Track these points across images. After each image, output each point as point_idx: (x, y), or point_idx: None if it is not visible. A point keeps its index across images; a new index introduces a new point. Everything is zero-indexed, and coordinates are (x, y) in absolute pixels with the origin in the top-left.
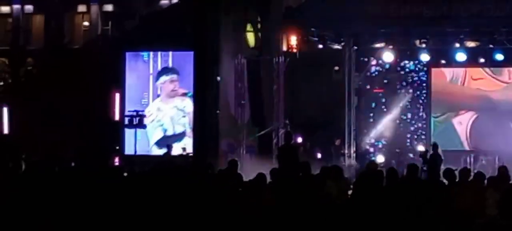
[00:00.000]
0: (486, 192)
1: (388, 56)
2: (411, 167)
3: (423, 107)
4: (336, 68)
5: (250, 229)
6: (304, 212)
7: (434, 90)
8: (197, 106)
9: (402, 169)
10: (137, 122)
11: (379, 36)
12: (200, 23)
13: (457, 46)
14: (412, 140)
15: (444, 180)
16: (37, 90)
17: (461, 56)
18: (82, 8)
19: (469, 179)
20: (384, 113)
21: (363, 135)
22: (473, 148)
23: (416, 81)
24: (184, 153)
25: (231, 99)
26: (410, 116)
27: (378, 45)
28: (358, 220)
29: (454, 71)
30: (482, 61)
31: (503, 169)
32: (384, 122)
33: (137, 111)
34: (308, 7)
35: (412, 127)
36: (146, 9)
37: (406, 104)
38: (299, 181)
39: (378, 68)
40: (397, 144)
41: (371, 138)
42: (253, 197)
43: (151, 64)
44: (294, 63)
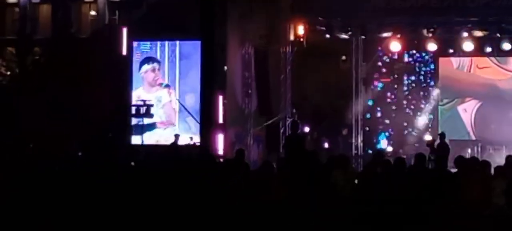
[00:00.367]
0: (493, 181)
1: (395, 46)
2: (419, 157)
3: (431, 96)
4: (344, 57)
5: (257, 218)
6: (311, 201)
7: (441, 76)
8: (204, 95)
9: (409, 158)
10: (144, 111)
11: (386, 25)
12: (207, 12)
13: (465, 35)
14: (419, 130)
15: (453, 169)
16: (44, 80)
17: (468, 45)
18: None
19: (476, 169)
20: (392, 102)
21: (370, 124)
22: (478, 136)
23: (423, 71)
24: (191, 143)
25: (238, 88)
26: (418, 105)
27: (385, 34)
28: (364, 210)
29: (460, 59)
30: (489, 50)
31: (510, 158)
32: (392, 111)
33: (144, 101)
34: None
35: (420, 116)
36: None
37: (414, 94)
38: (306, 171)
39: (385, 58)
40: (405, 133)
41: (379, 127)
42: (260, 186)
43: (158, 54)
44: (301, 52)
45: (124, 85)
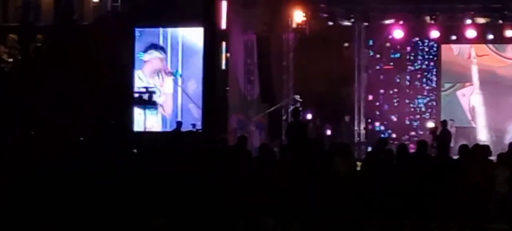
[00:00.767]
0: (496, 169)
1: (398, 33)
2: (421, 144)
3: (433, 84)
4: (346, 44)
5: (259, 203)
6: (313, 189)
7: (443, 62)
8: (206, 82)
9: (412, 145)
10: (147, 98)
11: (389, 12)
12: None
13: (467, 22)
14: (421, 117)
15: (455, 156)
16: (47, 67)
17: (471, 32)
18: None
19: (479, 156)
20: (394, 90)
21: (373, 111)
22: (476, 121)
23: (426, 58)
24: (194, 130)
25: (240, 75)
26: (420, 92)
27: (388, 21)
28: (367, 197)
29: (460, 47)
30: (492, 37)
31: None
32: (394, 99)
33: (147, 88)
34: None
35: (422, 103)
36: None
37: (416, 81)
38: (308, 158)
39: (388, 45)
40: (407, 120)
41: (381, 114)
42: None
43: (161, 40)
44: (304, 39)
45: (126, 72)
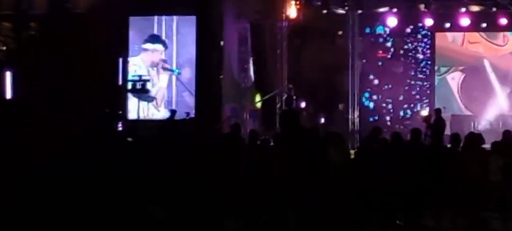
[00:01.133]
0: (490, 157)
1: (392, 21)
2: (415, 132)
3: (427, 72)
4: (340, 32)
5: (252, 192)
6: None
7: (437, 49)
8: (200, 71)
9: (406, 134)
10: (140, 86)
11: (383, 0)
12: None
13: (461, 10)
14: (415, 105)
15: (448, 145)
16: (41, 55)
17: (465, 20)
18: None
19: (473, 145)
20: (388, 78)
21: (366, 99)
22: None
23: (420, 46)
24: (187, 118)
25: (234, 63)
26: (414, 80)
27: (382, 9)
28: (359, 186)
29: (454, 34)
30: (485, 26)
31: (507, 133)
32: (388, 87)
33: (140, 76)
34: None
35: (416, 91)
36: None
37: (410, 69)
38: (302, 147)
39: (382, 33)
40: (401, 108)
41: (375, 102)
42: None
43: (155, 29)
44: (297, 27)
45: (121, 60)
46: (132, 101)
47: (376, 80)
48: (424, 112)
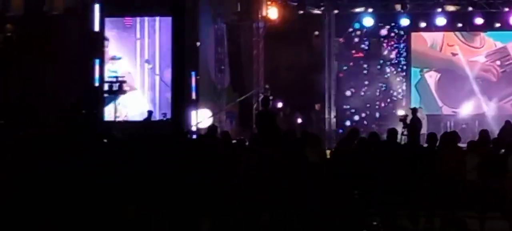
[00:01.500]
0: (466, 156)
1: (368, 21)
2: (391, 131)
3: (403, 72)
4: (316, 33)
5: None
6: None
7: (413, 51)
8: (176, 72)
9: (382, 133)
10: (117, 88)
11: (359, 0)
12: None
13: (437, 10)
14: (392, 105)
15: (425, 144)
16: (17, 57)
17: (441, 20)
18: None
19: (449, 144)
20: (364, 78)
21: (343, 99)
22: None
23: (396, 46)
24: (164, 119)
25: (211, 64)
26: (390, 80)
27: (358, 9)
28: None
29: (434, 38)
30: (461, 25)
31: (484, 133)
32: (364, 87)
33: (117, 77)
34: None
35: (392, 91)
36: None
37: (386, 69)
38: (278, 148)
39: (358, 33)
40: (377, 108)
41: (351, 102)
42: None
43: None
44: (274, 28)
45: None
46: (108, 102)
47: (352, 80)
48: (400, 112)
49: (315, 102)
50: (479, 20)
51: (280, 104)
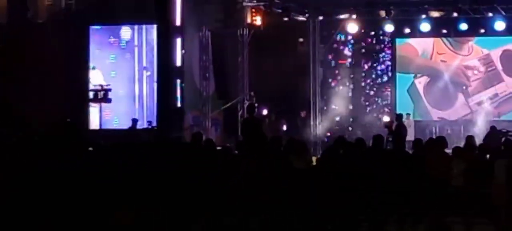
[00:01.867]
0: (452, 161)
1: (352, 27)
2: (377, 138)
3: (388, 78)
4: (301, 40)
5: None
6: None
7: (404, 59)
8: (161, 79)
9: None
10: (102, 96)
11: (343, 7)
12: None
13: (422, 16)
14: (377, 111)
15: (410, 151)
16: (0, 65)
17: (425, 26)
18: None
19: (435, 149)
20: (350, 84)
21: (328, 106)
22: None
23: (380, 52)
24: (150, 127)
25: (195, 72)
26: (376, 86)
27: (342, 16)
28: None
29: (424, 47)
30: (445, 32)
31: (470, 139)
32: (350, 93)
33: (102, 86)
34: None
35: (378, 97)
36: None
37: (371, 75)
38: (263, 155)
39: (343, 40)
40: (363, 115)
41: (337, 109)
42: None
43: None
44: (258, 35)
45: (81, 70)
46: (93, 110)
47: (337, 87)
48: (386, 118)
49: (301, 109)
50: (464, 26)
51: (265, 112)
